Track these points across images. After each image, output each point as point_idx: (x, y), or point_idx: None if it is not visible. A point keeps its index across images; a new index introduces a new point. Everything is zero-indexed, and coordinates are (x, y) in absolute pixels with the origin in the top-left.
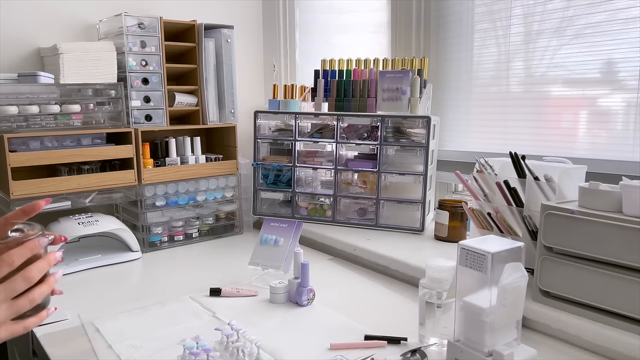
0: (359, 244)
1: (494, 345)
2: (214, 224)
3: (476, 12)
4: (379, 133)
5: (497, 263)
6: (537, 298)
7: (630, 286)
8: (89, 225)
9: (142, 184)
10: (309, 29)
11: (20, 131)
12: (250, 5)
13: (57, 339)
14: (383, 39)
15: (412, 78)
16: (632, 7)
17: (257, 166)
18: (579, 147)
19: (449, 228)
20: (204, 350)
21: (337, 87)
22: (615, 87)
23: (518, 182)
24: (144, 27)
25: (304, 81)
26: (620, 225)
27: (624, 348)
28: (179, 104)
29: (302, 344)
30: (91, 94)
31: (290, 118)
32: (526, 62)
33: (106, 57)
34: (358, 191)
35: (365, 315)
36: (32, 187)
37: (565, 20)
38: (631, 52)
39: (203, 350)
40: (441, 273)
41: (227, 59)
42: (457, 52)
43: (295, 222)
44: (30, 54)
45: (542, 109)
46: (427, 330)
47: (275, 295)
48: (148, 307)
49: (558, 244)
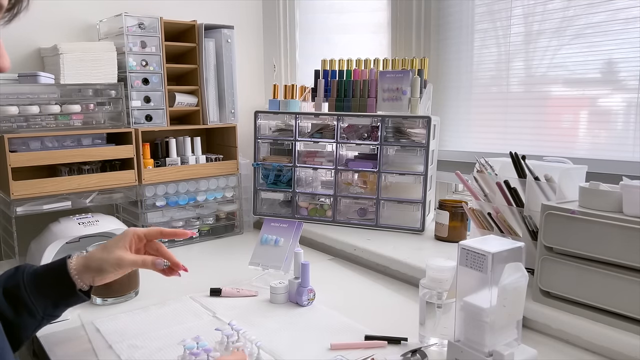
0: (359, 244)
1: (494, 346)
2: (214, 224)
3: (476, 12)
4: (379, 133)
5: (498, 263)
6: (538, 298)
7: (630, 286)
8: (89, 225)
9: (142, 184)
10: (309, 29)
11: (20, 131)
12: (251, 5)
13: (58, 339)
14: (383, 39)
15: (412, 78)
16: (632, 7)
17: (257, 166)
18: (579, 147)
19: (449, 228)
20: (204, 351)
21: (337, 87)
22: (615, 87)
23: (518, 182)
24: (144, 28)
25: (304, 81)
26: (620, 225)
27: (624, 348)
28: (179, 104)
29: (302, 344)
30: (91, 94)
31: (291, 118)
32: (526, 62)
33: (106, 57)
34: (358, 191)
35: (365, 316)
36: (32, 187)
37: (565, 20)
38: (631, 52)
39: (203, 350)
40: (441, 273)
41: (227, 59)
42: (457, 52)
43: (296, 222)
44: (31, 54)
45: (543, 109)
46: (427, 330)
47: (275, 296)
48: (148, 307)
49: (558, 244)
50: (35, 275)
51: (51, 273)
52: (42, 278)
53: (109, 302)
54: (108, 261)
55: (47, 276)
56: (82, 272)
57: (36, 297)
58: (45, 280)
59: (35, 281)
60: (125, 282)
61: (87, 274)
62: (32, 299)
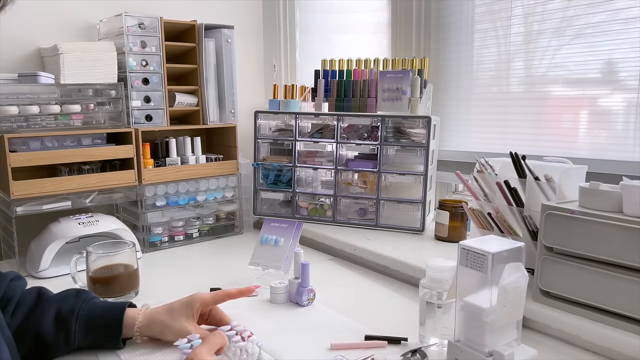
0: (359, 244)
1: (495, 346)
2: (214, 224)
3: (476, 12)
4: (379, 133)
5: (498, 263)
6: (538, 298)
7: (630, 286)
8: (89, 225)
9: (142, 184)
10: (309, 29)
11: (20, 131)
12: (251, 5)
13: None
14: (383, 39)
15: (412, 78)
16: (632, 7)
17: (257, 166)
18: (579, 147)
19: (450, 228)
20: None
21: (337, 87)
22: (615, 87)
23: (518, 182)
24: (144, 27)
25: (304, 81)
26: (620, 225)
27: (624, 348)
28: (179, 104)
29: (302, 344)
30: (91, 94)
31: (291, 118)
32: (526, 62)
33: (106, 57)
34: (358, 191)
35: (365, 316)
36: (32, 187)
37: (565, 20)
38: (631, 52)
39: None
40: (441, 273)
41: (227, 59)
42: (457, 52)
43: (296, 222)
44: (31, 54)
45: (543, 109)
46: (427, 330)
47: (275, 295)
48: (148, 307)
49: (558, 244)
50: (92, 313)
51: (107, 318)
52: (96, 318)
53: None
54: (172, 329)
55: (102, 318)
56: (144, 330)
57: (82, 333)
58: (99, 321)
59: (89, 318)
60: (126, 282)
61: (147, 332)
62: (78, 333)
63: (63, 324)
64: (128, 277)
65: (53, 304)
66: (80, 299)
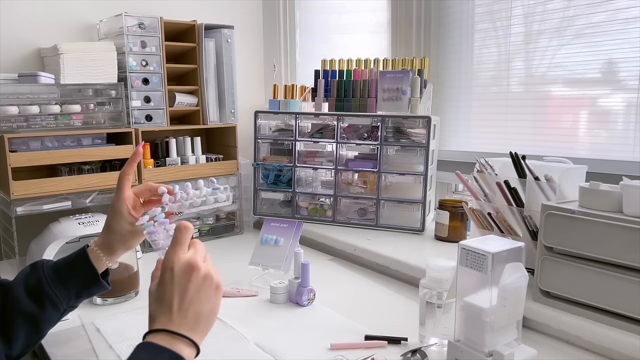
0: (359, 244)
1: (495, 346)
2: (214, 224)
3: (476, 12)
4: (379, 133)
5: (498, 263)
6: (538, 298)
7: (630, 286)
8: (89, 225)
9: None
10: (309, 29)
11: (20, 131)
12: (251, 5)
13: (58, 339)
14: (383, 39)
15: (413, 78)
16: (632, 7)
17: (257, 166)
18: (580, 147)
19: (450, 228)
20: (160, 224)
21: (337, 87)
22: (615, 87)
23: (518, 182)
24: (144, 27)
25: (304, 81)
26: (620, 225)
27: (624, 348)
28: (179, 104)
29: (302, 344)
30: (91, 94)
31: (291, 118)
32: (526, 62)
33: (106, 57)
34: (358, 191)
35: (365, 315)
36: (32, 187)
37: (565, 20)
38: (631, 52)
39: (160, 223)
40: (441, 273)
41: (227, 59)
42: (457, 52)
43: (296, 222)
44: (31, 54)
45: (543, 109)
46: (427, 330)
47: (275, 295)
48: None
49: (558, 244)
50: (56, 268)
51: (72, 264)
52: (63, 270)
53: (109, 302)
54: (126, 230)
55: (69, 267)
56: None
57: (60, 290)
58: (67, 271)
59: (57, 274)
60: (125, 282)
61: (112, 254)
62: (56, 292)
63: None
64: (128, 277)
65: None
66: (39, 266)
